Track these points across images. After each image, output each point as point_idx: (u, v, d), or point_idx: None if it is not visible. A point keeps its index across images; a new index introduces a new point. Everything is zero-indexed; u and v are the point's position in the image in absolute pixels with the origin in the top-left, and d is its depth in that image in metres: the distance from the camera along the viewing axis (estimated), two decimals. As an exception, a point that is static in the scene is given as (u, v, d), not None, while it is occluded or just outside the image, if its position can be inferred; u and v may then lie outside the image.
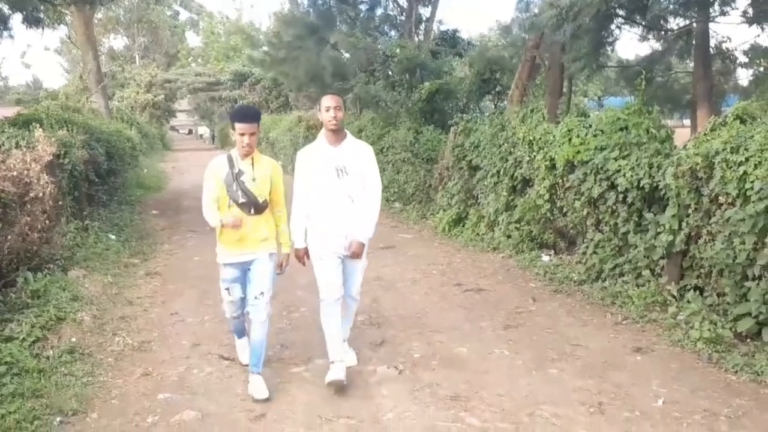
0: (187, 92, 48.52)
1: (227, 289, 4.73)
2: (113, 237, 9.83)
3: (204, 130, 59.02)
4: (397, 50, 16.10)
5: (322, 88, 19.57)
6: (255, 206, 4.56)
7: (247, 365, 4.87)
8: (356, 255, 4.68)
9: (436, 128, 13.17)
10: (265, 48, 22.41)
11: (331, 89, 18.72)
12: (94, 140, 11.47)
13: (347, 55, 18.93)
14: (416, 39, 18.89)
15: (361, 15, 20.12)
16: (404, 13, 19.80)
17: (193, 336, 5.90)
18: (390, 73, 16.68)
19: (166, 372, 5.04)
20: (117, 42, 57.37)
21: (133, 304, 6.80)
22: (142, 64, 52.75)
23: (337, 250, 4.67)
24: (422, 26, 20.00)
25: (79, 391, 4.56)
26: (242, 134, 4.42)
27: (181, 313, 6.56)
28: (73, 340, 5.47)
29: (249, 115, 4.52)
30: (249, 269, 4.64)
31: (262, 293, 4.59)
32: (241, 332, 5.16)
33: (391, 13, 20.51)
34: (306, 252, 4.74)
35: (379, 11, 20.46)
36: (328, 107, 4.55)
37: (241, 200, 4.51)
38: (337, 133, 4.64)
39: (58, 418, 4.16)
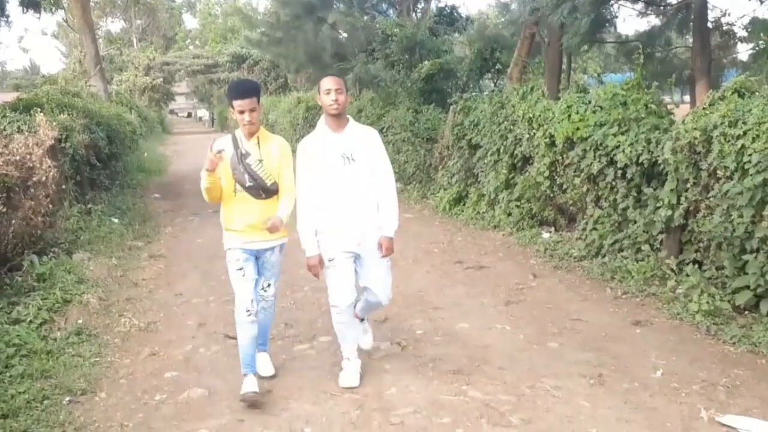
0: (185, 75, 48.37)
1: (240, 269, 4.25)
2: (116, 220, 9.89)
3: (203, 112, 58.98)
4: (396, 29, 16.03)
5: (322, 69, 19.50)
6: (264, 190, 4.19)
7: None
8: (388, 251, 4.30)
9: (436, 107, 13.18)
10: (262, 29, 22.30)
11: (331, 70, 18.66)
12: (94, 124, 11.50)
13: (345, 35, 18.85)
14: (414, 17, 18.81)
15: (359, -6, 20.03)
16: (402, -9, 19.72)
17: (198, 316, 5.98)
18: (389, 52, 16.62)
19: (173, 351, 5.12)
20: (114, 25, 57.19)
21: (138, 286, 6.88)
22: (140, 47, 52.51)
23: (350, 247, 4.26)
24: (420, 4, 19.91)
25: (87, 372, 4.64)
26: (242, 111, 4.08)
27: (186, 294, 6.63)
28: (80, 321, 5.55)
29: (246, 89, 4.16)
30: (260, 258, 4.34)
31: (269, 285, 4.44)
32: (252, 364, 4.31)
33: (389, -10, 20.41)
34: (320, 261, 4.27)
35: (376, -11, 20.37)
36: (328, 90, 4.15)
37: (249, 183, 4.15)
38: (339, 118, 4.23)
39: (67, 398, 4.23)
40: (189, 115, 68.53)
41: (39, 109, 8.90)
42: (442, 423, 3.85)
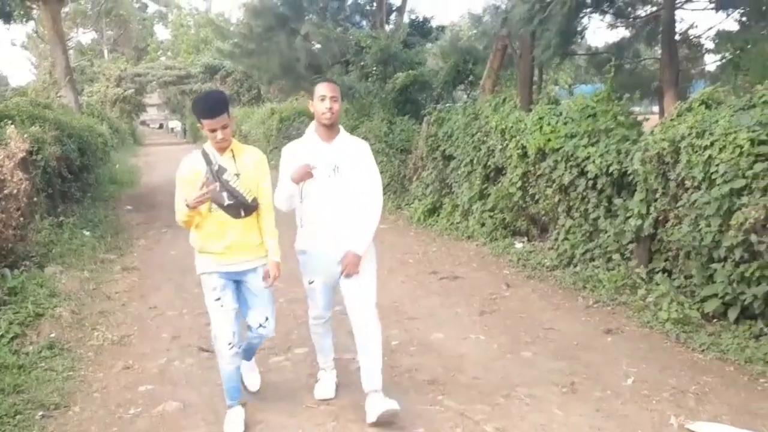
0: (157, 86, 48.03)
1: (218, 299, 3.85)
2: (88, 233, 9.79)
3: (175, 124, 58.51)
4: (369, 41, 16.11)
5: (296, 80, 19.55)
6: (245, 207, 3.82)
7: None
8: (349, 270, 3.97)
9: (410, 119, 13.26)
10: (234, 40, 22.27)
11: (305, 81, 18.72)
12: (66, 136, 11.38)
13: (319, 46, 18.90)
14: (387, 29, 18.92)
15: (331, 5, 20.09)
16: (375, 3, 19.82)
17: (172, 329, 5.95)
18: (363, 64, 16.70)
19: (147, 365, 5.09)
20: (85, 36, 56.65)
21: (111, 299, 6.83)
22: (111, 58, 52.12)
23: (330, 272, 4.08)
24: (393, 16, 20.03)
25: (60, 386, 4.60)
26: (213, 130, 3.69)
27: (160, 307, 6.60)
28: (53, 335, 5.50)
29: (214, 107, 3.68)
30: (242, 283, 3.94)
31: (267, 319, 3.99)
32: (237, 391, 4.06)
33: (361, 2, 20.51)
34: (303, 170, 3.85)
35: (349, 1, 20.46)
36: (323, 96, 3.85)
37: (228, 202, 3.76)
38: (331, 128, 3.96)
39: (40, 413, 4.19)
40: (161, 126, 67.95)
41: (9, 121, 8.80)
42: (418, 433, 3.89)
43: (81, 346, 5.43)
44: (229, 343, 3.86)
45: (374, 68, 15.90)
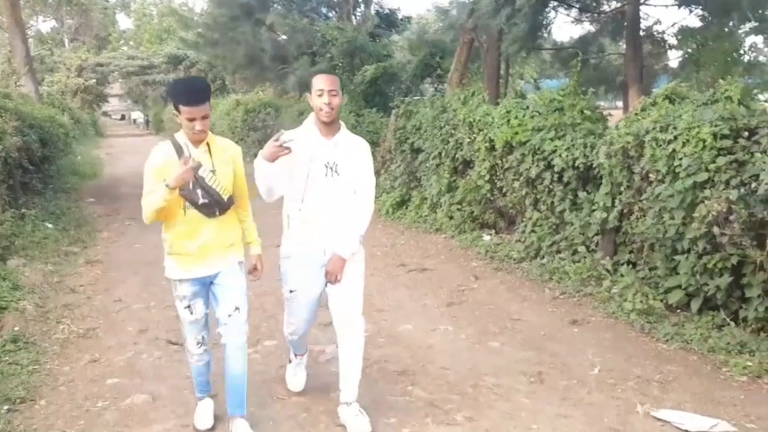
0: (119, 76, 47.36)
1: (188, 307, 3.66)
2: (51, 225, 9.62)
3: (137, 115, 57.66)
4: (336, 33, 16.07)
5: (261, 71, 19.44)
6: (220, 206, 3.53)
7: None
8: (332, 274, 3.71)
9: (378, 111, 13.26)
10: (198, 30, 22.04)
11: (271, 72, 18.63)
12: (26, 127, 11.15)
13: (285, 37, 18.80)
14: (354, 21, 18.89)
15: (297, -4, 20.02)
16: (341, -6, 19.79)
17: (139, 322, 5.88)
18: (330, 55, 16.66)
19: (114, 358, 5.03)
20: (45, 25, 55.45)
21: (76, 292, 6.72)
22: (72, 47, 51.08)
23: (315, 277, 3.79)
24: (360, 8, 20.02)
25: (25, 379, 4.51)
26: (191, 119, 3.34)
27: (126, 300, 6.51)
28: (17, 329, 5.39)
29: (197, 94, 3.37)
30: (213, 283, 3.66)
31: (237, 308, 3.63)
32: (206, 385, 3.97)
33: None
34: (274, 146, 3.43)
35: (315, -8, 20.40)
36: (320, 90, 3.55)
37: (202, 200, 3.46)
38: (331, 125, 3.64)
39: (6, 407, 4.11)
40: (122, 117, 66.83)
41: (-32, 111, 8.60)
42: (389, 423, 3.91)
43: (46, 340, 5.34)
44: (198, 342, 3.76)
45: (341, 60, 15.87)
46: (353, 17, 19.17)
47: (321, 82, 3.58)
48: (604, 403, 4.12)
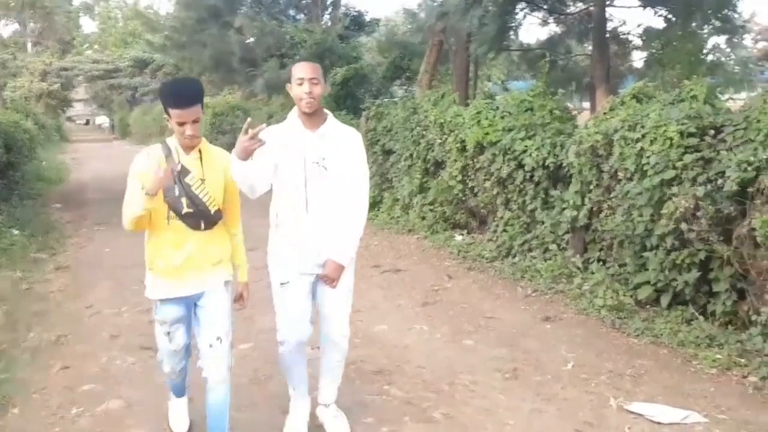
0: (84, 80, 46.66)
1: (168, 333, 3.38)
2: (17, 232, 9.46)
3: (103, 119, 56.98)
4: (305, 35, 16.06)
5: (229, 73, 19.33)
6: (206, 219, 3.26)
7: None
8: (330, 280, 3.47)
9: (348, 113, 13.27)
10: (166, 32, 21.85)
11: (239, 75, 18.53)
12: (-10, 132, 10.98)
13: (252, 39, 18.72)
14: (323, 23, 18.89)
15: (265, -2, 19.95)
16: (310, -3, 19.76)
17: (111, 328, 5.81)
18: (299, 58, 16.63)
19: (87, 364, 4.96)
20: (7, 29, 54.43)
21: (46, 299, 6.62)
22: (35, 51, 50.25)
23: (308, 269, 3.48)
24: (329, 10, 20.01)
25: (-4, 388, 4.45)
26: (181, 123, 3.11)
27: (97, 306, 6.43)
28: (-15, 337, 5.31)
29: (188, 95, 3.11)
30: (197, 305, 3.36)
31: (219, 339, 3.31)
32: (181, 390, 3.82)
33: (296, -5, 20.42)
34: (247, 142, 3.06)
35: (283, -6, 20.34)
36: (301, 80, 3.28)
37: (186, 210, 3.19)
38: (315, 115, 3.38)
39: (-23, 416, 4.06)
40: (87, 122, 66.00)
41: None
42: (367, 423, 3.92)
43: (16, 348, 5.25)
44: (172, 370, 3.57)
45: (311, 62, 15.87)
46: (322, 19, 19.16)
47: (301, 70, 3.31)
48: (578, 398, 4.19)
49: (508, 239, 7.39)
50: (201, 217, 3.24)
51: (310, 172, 3.36)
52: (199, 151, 3.25)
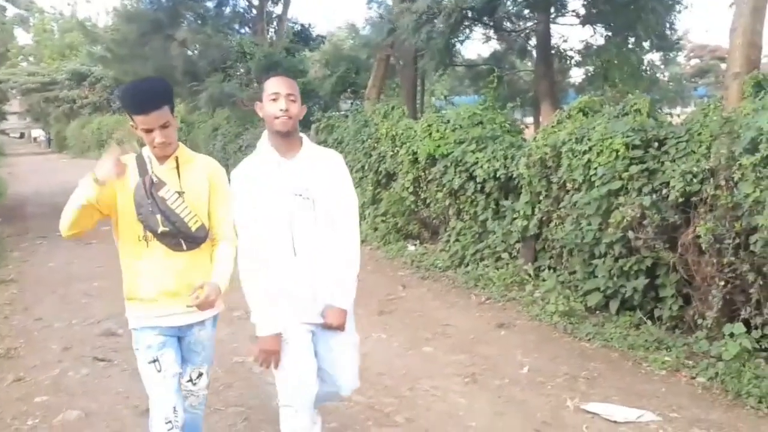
0: (18, 93, 45.35)
1: (155, 360, 2.80)
2: (-45, 247, 9.19)
3: (38, 132, 55.48)
4: (253, 48, 16.03)
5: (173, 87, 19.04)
6: (186, 237, 2.77)
7: None
8: (337, 327, 2.94)
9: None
10: (105, 44, 21.45)
11: (183, 88, 18.33)
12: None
13: (196, 52, 18.56)
14: (269, 36, 18.86)
15: (210, 12, 19.78)
16: (254, 10, 19.68)
17: (61, 340, 5.71)
18: (242, 71, 16.59)
19: (39, 376, 4.87)
20: (-65, 39, 52.49)
21: (-8, 313, 6.46)
22: (-33, 62, 48.65)
23: (306, 318, 2.91)
24: (274, 23, 19.99)
25: (-54, 403, 4.33)
26: (148, 130, 2.69)
27: (46, 319, 6.30)
28: (-69, 353, 5.15)
29: (152, 98, 2.68)
30: (184, 337, 2.92)
31: (200, 375, 3.02)
32: None
33: (241, 9, 20.32)
34: (278, 344, 2.84)
35: (228, 8, 20.21)
36: (275, 95, 2.81)
37: (162, 228, 2.72)
38: (291, 138, 2.87)
39: (-71, 431, 3.94)
40: (22, 135, 64.17)
41: None
42: (332, 427, 3.95)
43: (-36, 361, 5.12)
44: (168, 421, 2.79)
45: (258, 75, 15.84)
46: (267, 33, 19.12)
47: (276, 84, 2.85)
48: (536, 400, 4.31)
49: (460, 249, 7.53)
50: (179, 236, 2.76)
51: (293, 205, 2.84)
52: (176, 160, 2.81)
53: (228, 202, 2.89)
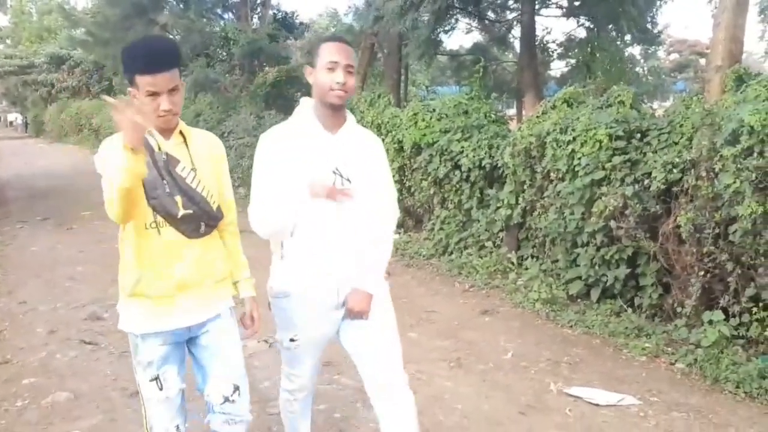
0: (-6, 76, 44.71)
1: (156, 378, 2.44)
2: (-65, 231, 9.11)
3: (15, 116, 54.78)
4: (237, 34, 15.97)
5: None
6: (207, 218, 2.45)
7: None
8: (360, 313, 2.66)
9: (279, 113, 13.28)
10: (85, 28, 21.23)
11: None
12: None
13: (179, 37, 18.45)
14: (252, 23, 18.80)
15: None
16: (238, -4, 19.60)
17: (47, 323, 5.70)
18: (225, 56, 16.53)
19: (27, 358, 4.88)
20: None
21: (-24, 296, 6.44)
22: (-58, 44, 47.91)
23: (325, 308, 2.68)
24: (258, 10, 19.92)
25: (-67, 384, 4.34)
26: (153, 93, 2.25)
27: (31, 302, 6.29)
28: None
29: (163, 56, 2.28)
30: (194, 341, 2.52)
31: (237, 388, 2.54)
32: None
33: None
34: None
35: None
36: (333, 63, 2.48)
37: (183, 212, 2.35)
38: (339, 114, 2.61)
39: None
40: (-2, 119, 63.39)
41: None
42: (320, 409, 4.01)
43: (-51, 344, 5.12)
44: None
45: (241, 61, 15.80)
46: (251, 20, 19.06)
47: (335, 52, 2.50)
48: (520, 384, 4.40)
49: (444, 237, 7.61)
50: (202, 217, 2.42)
51: (331, 184, 2.56)
52: (182, 134, 2.44)
53: (229, 179, 2.64)
